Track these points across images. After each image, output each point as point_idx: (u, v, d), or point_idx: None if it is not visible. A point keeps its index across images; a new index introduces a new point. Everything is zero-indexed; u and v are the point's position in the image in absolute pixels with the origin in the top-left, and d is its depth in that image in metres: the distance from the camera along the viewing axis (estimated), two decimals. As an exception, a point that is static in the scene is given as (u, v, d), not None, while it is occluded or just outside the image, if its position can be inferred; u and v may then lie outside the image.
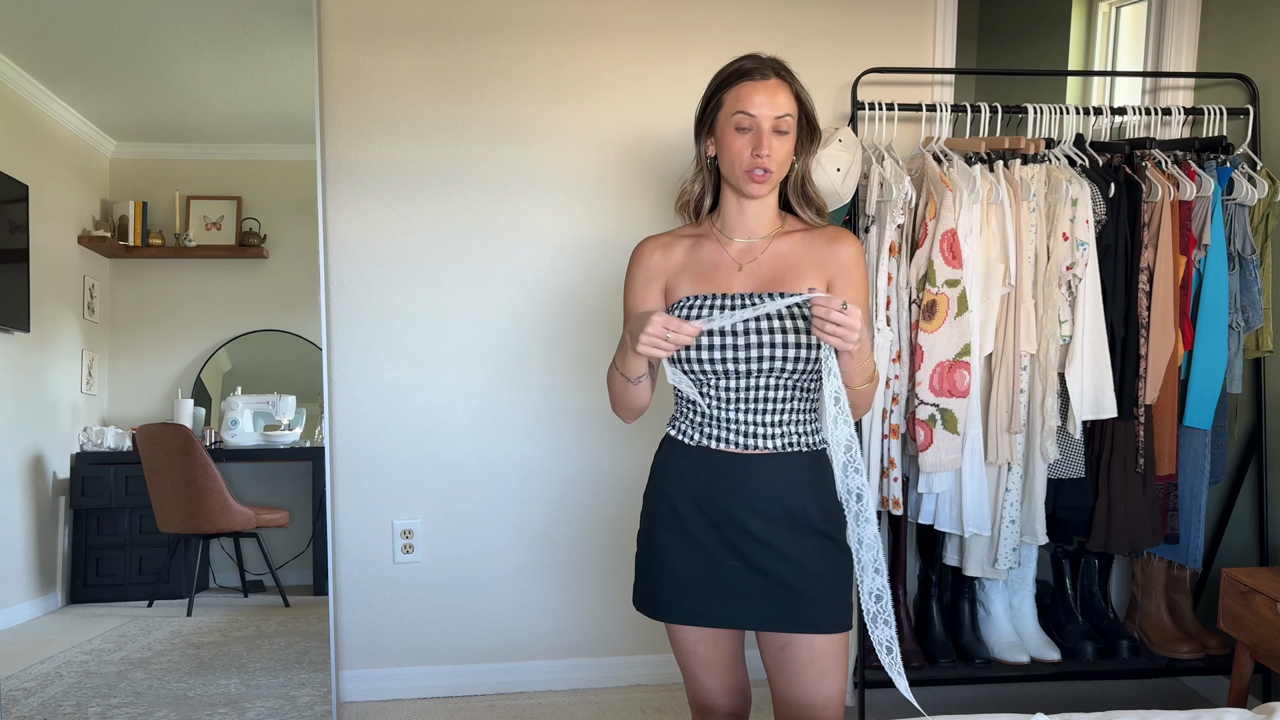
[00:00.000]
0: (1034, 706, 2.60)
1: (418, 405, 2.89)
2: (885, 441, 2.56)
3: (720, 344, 1.58)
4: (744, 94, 1.60)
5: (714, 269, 1.66)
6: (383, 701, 2.89)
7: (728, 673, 1.73)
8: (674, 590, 1.65)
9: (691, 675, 1.73)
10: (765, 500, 1.60)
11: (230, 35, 3.05)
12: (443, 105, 2.84)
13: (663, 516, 1.67)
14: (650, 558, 1.69)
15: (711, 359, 1.59)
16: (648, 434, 2.96)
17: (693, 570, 1.64)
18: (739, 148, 1.60)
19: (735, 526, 1.61)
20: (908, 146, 2.78)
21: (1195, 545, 2.66)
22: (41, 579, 3.36)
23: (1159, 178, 2.55)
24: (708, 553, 1.63)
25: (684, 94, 2.91)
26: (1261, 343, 2.64)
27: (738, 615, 1.63)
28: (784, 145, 1.61)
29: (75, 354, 3.42)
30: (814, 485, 1.63)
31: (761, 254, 1.66)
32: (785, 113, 1.59)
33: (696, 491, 1.64)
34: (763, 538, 1.60)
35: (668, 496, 1.67)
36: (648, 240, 1.75)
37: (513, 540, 2.95)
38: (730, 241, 1.68)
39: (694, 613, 1.64)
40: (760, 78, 1.60)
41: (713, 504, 1.62)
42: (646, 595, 1.69)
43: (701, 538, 1.63)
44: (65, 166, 3.40)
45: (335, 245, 2.84)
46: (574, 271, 2.91)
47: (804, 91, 1.64)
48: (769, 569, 1.60)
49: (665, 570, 1.66)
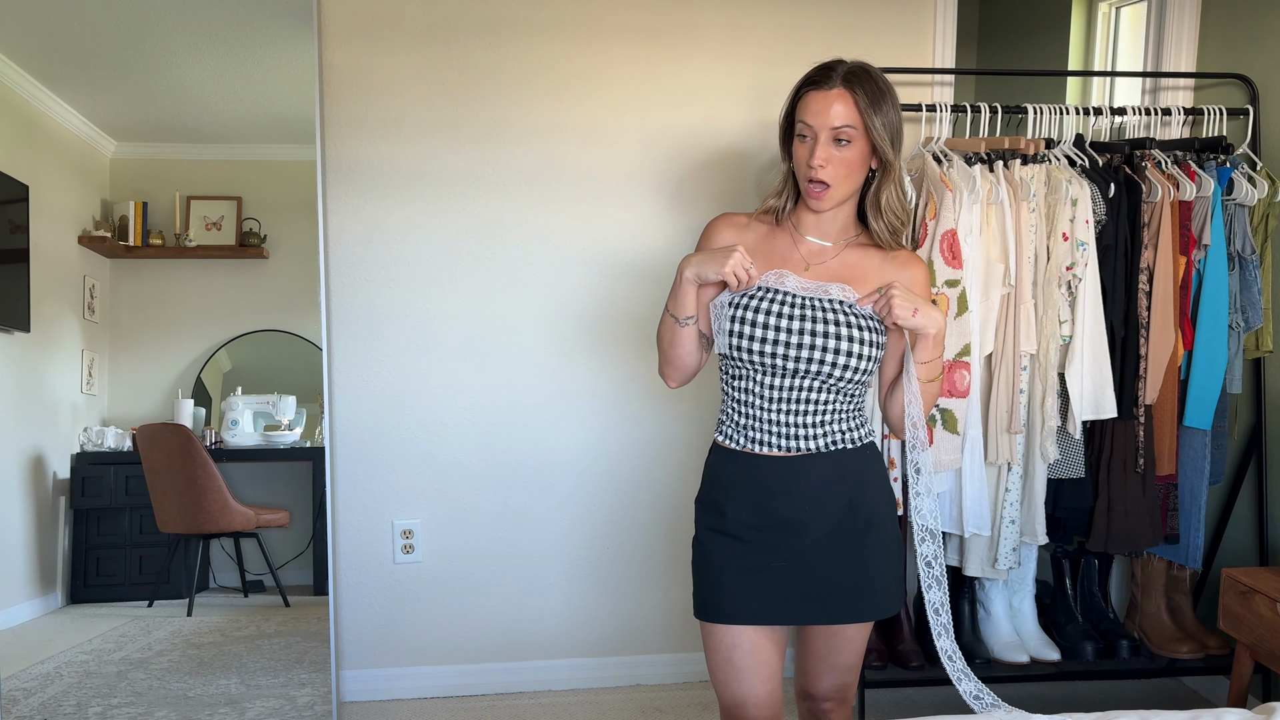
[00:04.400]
0: (1034, 706, 2.59)
1: (418, 405, 2.89)
2: (885, 442, 2.56)
3: (773, 339, 1.58)
4: (804, 103, 1.59)
5: (783, 261, 1.66)
6: (383, 701, 2.89)
7: (769, 680, 1.69)
8: (725, 593, 1.65)
9: (730, 682, 1.68)
10: (811, 500, 1.62)
11: (230, 35, 3.05)
12: (443, 105, 2.84)
13: (712, 522, 1.69)
14: (703, 562, 1.70)
15: (762, 351, 1.59)
16: (648, 434, 2.96)
17: (742, 572, 1.64)
18: (800, 157, 1.60)
19: (782, 528, 1.63)
20: (908, 146, 2.77)
21: (1195, 545, 2.66)
22: (42, 579, 3.36)
23: (1159, 178, 2.55)
24: (755, 554, 1.64)
25: (684, 94, 2.93)
26: (1261, 343, 2.64)
27: (785, 612, 1.64)
28: (844, 155, 1.57)
29: (75, 354, 3.42)
30: (859, 480, 1.65)
31: (831, 258, 1.67)
32: (845, 123, 1.55)
33: (743, 495, 1.65)
34: (810, 536, 1.62)
35: (716, 503, 1.68)
36: (724, 216, 1.75)
37: (513, 540, 2.95)
38: (803, 240, 1.68)
39: (746, 613, 1.64)
40: (825, 86, 1.57)
41: (759, 508, 1.64)
42: (701, 599, 1.69)
43: (749, 540, 1.64)
44: (65, 166, 3.40)
45: (335, 245, 2.85)
46: (574, 271, 2.91)
47: (877, 102, 1.56)
48: (814, 566, 1.62)
49: (716, 574, 1.66)
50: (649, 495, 2.98)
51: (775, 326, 1.58)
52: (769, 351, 1.58)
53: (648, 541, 2.99)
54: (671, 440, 2.97)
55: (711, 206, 2.90)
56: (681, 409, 2.96)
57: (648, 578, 3.00)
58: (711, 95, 2.90)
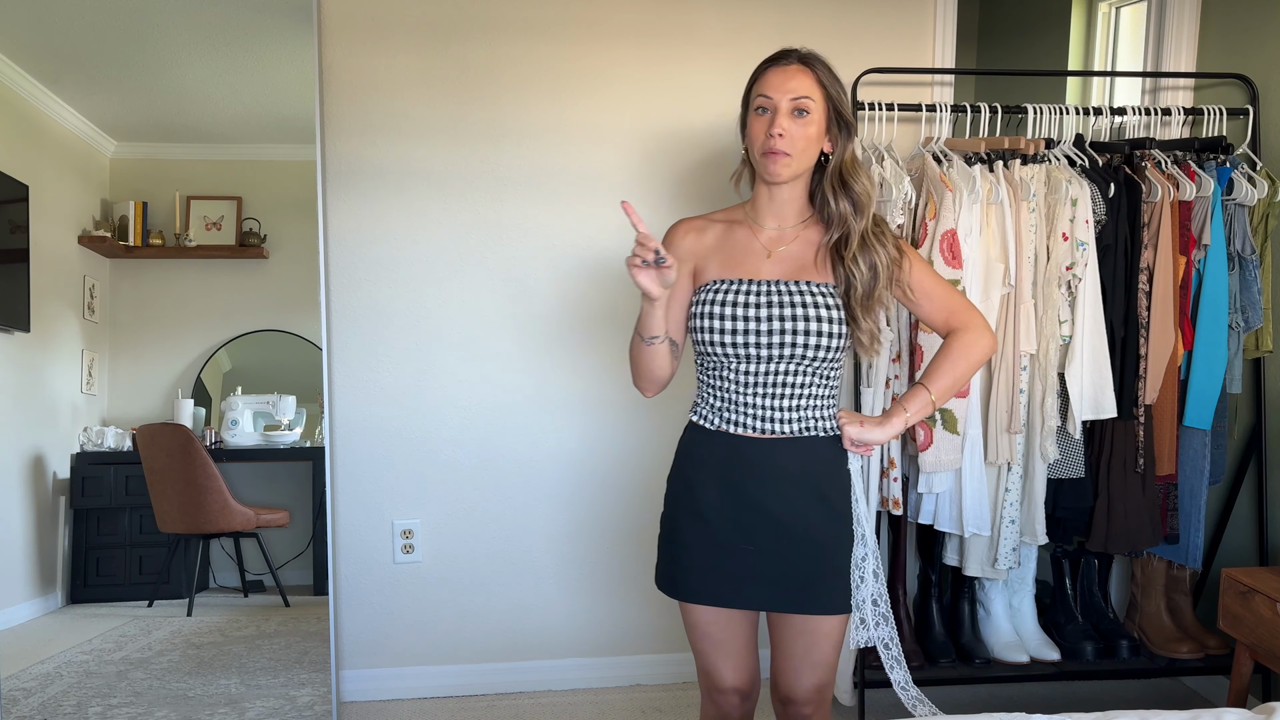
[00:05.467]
0: (1034, 706, 2.60)
1: (418, 405, 2.89)
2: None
3: (742, 328, 1.61)
4: (764, 79, 1.64)
5: (744, 254, 1.69)
6: (383, 701, 2.89)
7: (739, 654, 1.76)
8: (691, 571, 1.69)
9: (703, 655, 1.76)
10: (782, 484, 1.64)
11: (230, 35, 3.05)
12: (443, 105, 2.84)
13: (683, 499, 1.71)
14: (670, 539, 1.74)
15: (734, 342, 1.62)
16: (648, 434, 2.96)
17: (709, 552, 1.68)
18: (757, 130, 1.63)
19: (753, 510, 1.65)
20: (907, 146, 2.78)
21: (1195, 545, 2.66)
22: (41, 579, 3.36)
23: (1159, 178, 2.54)
24: (724, 536, 1.67)
25: (684, 94, 2.92)
26: (1261, 343, 2.64)
27: (751, 597, 1.67)
28: (803, 128, 1.61)
29: (75, 354, 3.42)
30: (830, 469, 1.67)
31: (791, 241, 1.69)
32: (803, 94, 1.60)
33: (716, 476, 1.67)
34: (779, 521, 1.64)
35: (688, 480, 1.71)
36: (683, 222, 1.78)
37: (513, 539, 2.95)
38: (761, 229, 1.71)
39: (709, 593, 1.68)
40: (783, 63, 1.62)
41: (731, 488, 1.66)
42: (666, 575, 1.74)
43: (719, 521, 1.67)
44: (65, 166, 3.40)
45: (335, 245, 2.85)
46: (574, 271, 2.91)
47: (833, 82, 1.64)
48: (784, 553, 1.64)
49: (682, 552, 1.70)
50: (650, 495, 2.97)
51: (744, 316, 1.62)
52: (740, 341, 1.62)
53: (649, 542, 2.97)
54: (673, 441, 2.95)
55: (711, 206, 2.87)
56: (684, 409, 2.95)
57: (648, 578, 2.98)
58: (711, 95, 2.90)
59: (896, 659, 1.70)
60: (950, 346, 1.71)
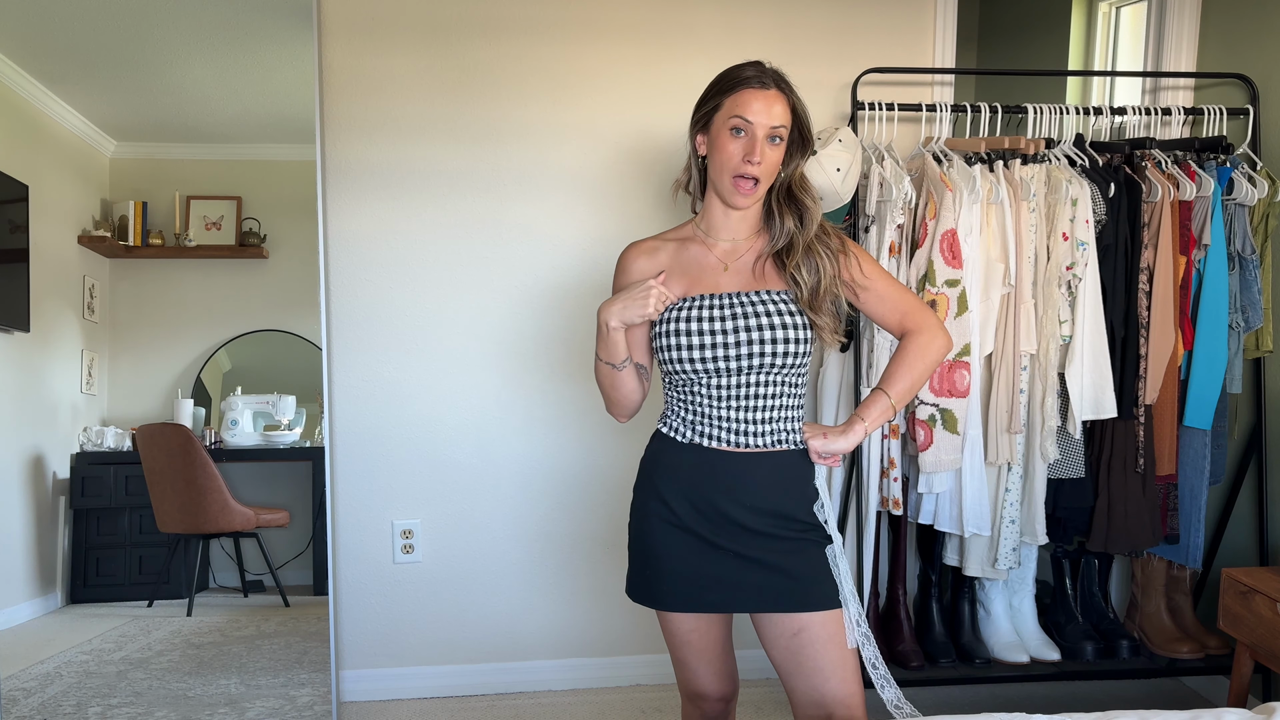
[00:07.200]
0: (1034, 706, 2.59)
1: (418, 405, 2.89)
2: (885, 441, 2.56)
3: (711, 343, 1.62)
4: (743, 100, 1.62)
5: (701, 270, 1.70)
6: (383, 701, 2.89)
7: (719, 659, 1.77)
8: (670, 580, 1.68)
9: (683, 663, 1.77)
10: (755, 497, 1.65)
11: (230, 35, 3.05)
12: (442, 105, 2.84)
13: (655, 510, 1.70)
14: (644, 550, 1.72)
15: (703, 358, 1.62)
16: (648, 435, 2.96)
17: (687, 560, 1.67)
18: (731, 151, 1.63)
19: (727, 521, 1.65)
20: (908, 146, 2.78)
21: (1195, 545, 2.66)
22: (41, 579, 3.36)
23: (1159, 178, 2.54)
24: (702, 542, 1.67)
25: (684, 94, 2.90)
26: (1261, 343, 2.64)
27: (732, 600, 1.66)
28: (775, 155, 1.64)
29: (75, 354, 3.42)
30: (801, 482, 1.69)
31: (746, 252, 1.71)
32: (781, 123, 1.62)
33: (688, 488, 1.67)
34: (754, 530, 1.65)
35: (659, 491, 1.70)
36: (632, 247, 1.78)
37: (513, 540, 2.95)
38: (716, 243, 1.72)
39: (690, 600, 1.68)
40: (760, 86, 1.62)
41: (704, 500, 1.66)
42: (642, 586, 1.73)
43: (695, 529, 1.67)
44: (65, 166, 3.40)
45: (335, 245, 2.85)
46: (574, 271, 2.91)
47: (801, 104, 1.67)
48: (761, 557, 1.64)
49: (660, 562, 1.69)
50: (649, 495, 2.97)
51: (710, 330, 1.62)
52: (709, 356, 1.62)
53: (648, 541, 2.98)
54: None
55: (711, 206, 2.90)
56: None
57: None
58: (711, 95, 2.89)
59: (885, 678, 1.69)
60: (906, 349, 1.72)
